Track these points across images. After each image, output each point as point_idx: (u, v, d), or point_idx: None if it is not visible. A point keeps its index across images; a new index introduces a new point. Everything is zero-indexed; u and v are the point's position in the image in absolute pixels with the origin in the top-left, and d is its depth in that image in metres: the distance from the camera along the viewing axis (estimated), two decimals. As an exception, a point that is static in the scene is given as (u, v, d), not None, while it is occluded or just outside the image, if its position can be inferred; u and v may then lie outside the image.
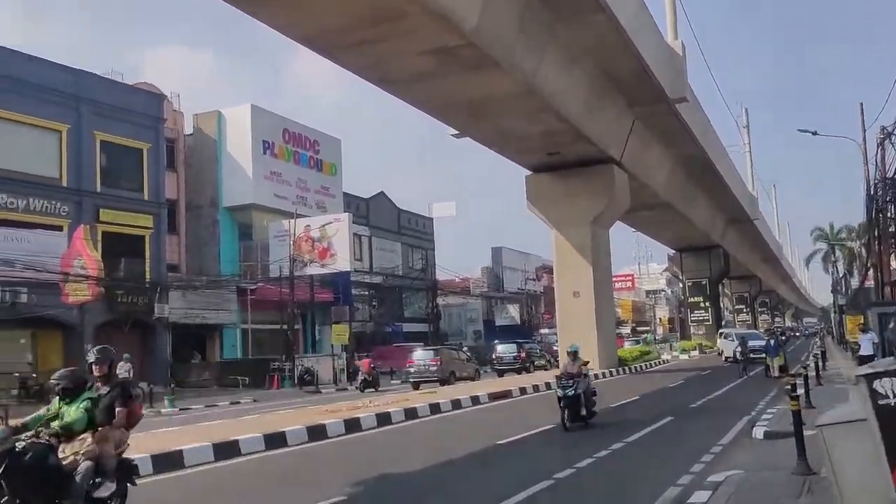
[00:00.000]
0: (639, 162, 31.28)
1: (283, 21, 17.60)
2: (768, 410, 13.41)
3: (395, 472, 9.10)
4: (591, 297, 29.54)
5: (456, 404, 17.09)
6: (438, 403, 16.51)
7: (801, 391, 11.57)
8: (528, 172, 31.22)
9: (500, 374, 32.56)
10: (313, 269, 37.50)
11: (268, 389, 31.33)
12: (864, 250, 54.06)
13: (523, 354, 34.12)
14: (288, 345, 34.07)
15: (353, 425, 13.18)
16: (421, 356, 27.91)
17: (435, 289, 45.28)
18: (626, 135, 28.92)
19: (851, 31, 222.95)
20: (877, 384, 3.93)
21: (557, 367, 32.25)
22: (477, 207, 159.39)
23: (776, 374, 22.65)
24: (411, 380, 27.33)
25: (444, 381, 26.42)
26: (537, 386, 21.97)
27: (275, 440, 11.40)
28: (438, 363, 27.16)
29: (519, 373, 31.99)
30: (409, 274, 49.34)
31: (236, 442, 10.82)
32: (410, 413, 15.15)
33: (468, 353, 34.62)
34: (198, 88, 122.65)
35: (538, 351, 38.16)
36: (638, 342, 51.77)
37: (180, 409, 22.24)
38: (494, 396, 19.09)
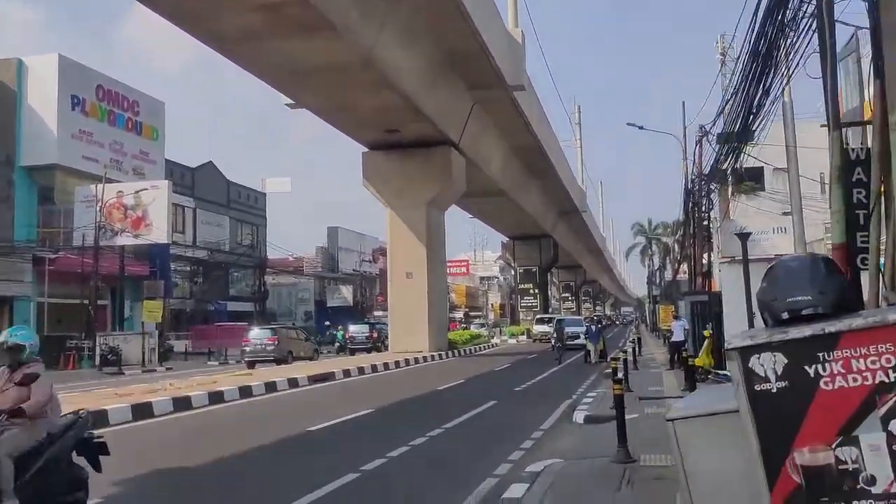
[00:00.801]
0: (477, 147, 31.25)
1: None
2: (588, 395, 13.42)
3: (170, 468, 7.82)
4: (424, 279, 29.16)
5: (271, 387, 15.83)
6: (251, 386, 15.18)
7: (619, 375, 11.59)
8: (366, 149, 30.24)
9: (352, 353, 33.80)
10: (125, 240, 34.24)
11: (62, 370, 28.20)
12: (677, 245, 58.42)
13: (374, 334, 35.63)
14: (89, 321, 30.84)
15: (143, 411, 11.59)
16: (257, 335, 26.96)
17: (263, 266, 43.12)
18: (466, 118, 28.69)
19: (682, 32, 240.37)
20: (754, 362, 3.06)
21: (387, 349, 32.60)
22: (315, 186, 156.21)
23: (595, 359, 23.36)
24: (246, 359, 26.37)
25: (280, 361, 25.59)
26: (362, 368, 21.13)
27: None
28: (276, 342, 26.30)
29: (369, 352, 33.21)
30: (237, 250, 46.68)
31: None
32: (216, 397, 13.71)
33: (307, 333, 33.35)
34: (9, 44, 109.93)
35: (304, 337, 32.92)
36: (483, 325, 53.55)
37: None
38: (315, 379, 17.99)
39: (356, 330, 36.61)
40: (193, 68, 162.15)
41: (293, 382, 16.82)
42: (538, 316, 52.23)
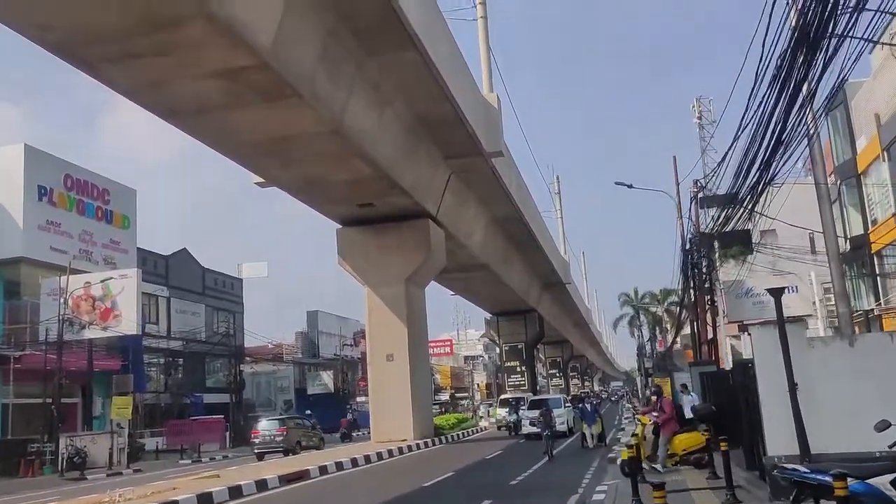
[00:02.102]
0: (455, 219, 30.10)
1: (19, 15, 14.05)
2: (597, 488, 11.65)
3: None
4: (405, 361, 27.37)
5: (235, 492, 13.88)
6: (211, 493, 13.24)
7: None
8: (340, 226, 28.95)
9: (260, 457, 26.59)
10: (93, 333, 32.35)
11: (21, 478, 25.85)
12: (666, 315, 57.06)
13: (286, 431, 27.81)
14: (51, 422, 28.60)
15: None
16: (266, 426, 27.92)
17: (239, 355, 41.09)
18: (443, 189, 27.62)
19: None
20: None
21: (325, 446, 29.22)
22: (294, 270, 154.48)
23: (594, 443, 21.32)
24: (256, 451, 27.15)
25: (289, 451, 26.71)
26: (341, 463, 19.14)
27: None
28: (284, 433, 27.34)
29: (285, 454, 26.73)
30: (213, 338, 44.63)
31: None
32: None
33: (313, 422, 32.45)
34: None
35: (311, 426, 31.59)
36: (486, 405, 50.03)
37: None
38: (287, 479, 16.03)
39: (265, 427, 28.07)
40: (177, 155, 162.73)
41: (262, 485, 14.87)
42: (501, 397, 44.82)
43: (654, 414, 12.67)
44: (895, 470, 5.29)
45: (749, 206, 12.87)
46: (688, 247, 19.94)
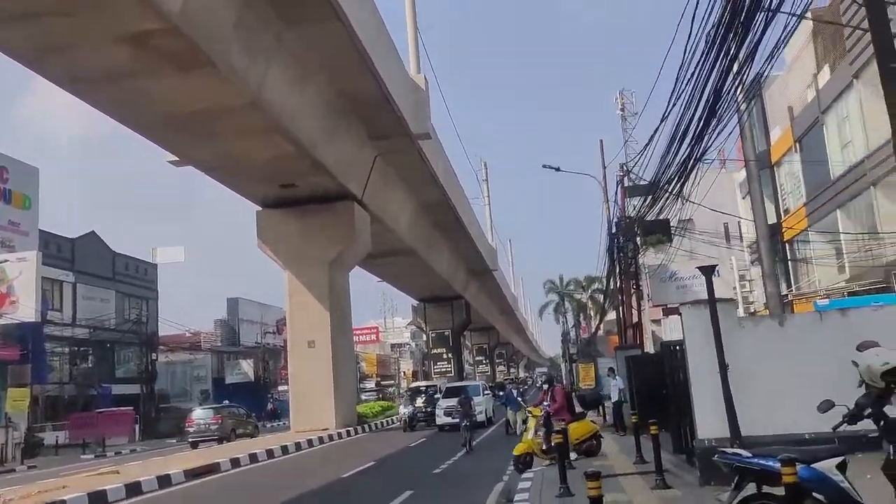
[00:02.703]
0: (382, 202, 29.30)
1: None
2: (523, 476, 11.20)
3: None
4: (327, 348, 26.47)
5: (133, 490, 12.84)
6: (105, 492, 12.17)
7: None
8: (260, 208, 27.75)
9: (194, 445, 26.21)
10: (-17, 321, 30.21)
11: None
12: (590, 302, 57.73)
13: (220, 419, 27.26)
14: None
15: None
16: (201, 415, 27.65)
17: (151, 343, 39.20)
18: (368, 171, 26.76)
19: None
20: None
21: (261, 434, 28.48)
22: (216, 254, 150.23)
23: (520, 429, 20.78)
24: (190, 440, 26.98)
25: (223, 439, 26.57)
26: (255, 455, 18.20)
27: None
28: (219, 421, 27.09)
29: (220, 442, 26.28)
30: (123, 326, 42.41)
31: None
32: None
33: (247, 410, 31.86)
34: None
35: (245, 414, 30.82)
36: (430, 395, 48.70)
37: None
38: (194, 474, 15.03)
39: (199, 416, 27.44)
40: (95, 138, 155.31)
41: (165, 481, 13.84)
42: (412, 385, 42.88)
43: (545, 403, 12.31)
44: (840, 453, 4.93)
45: (680, 181, 12.59)
46: (614, 231, 19.76)
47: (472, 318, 61.09)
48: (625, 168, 18.29)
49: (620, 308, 20.29)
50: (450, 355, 57.24)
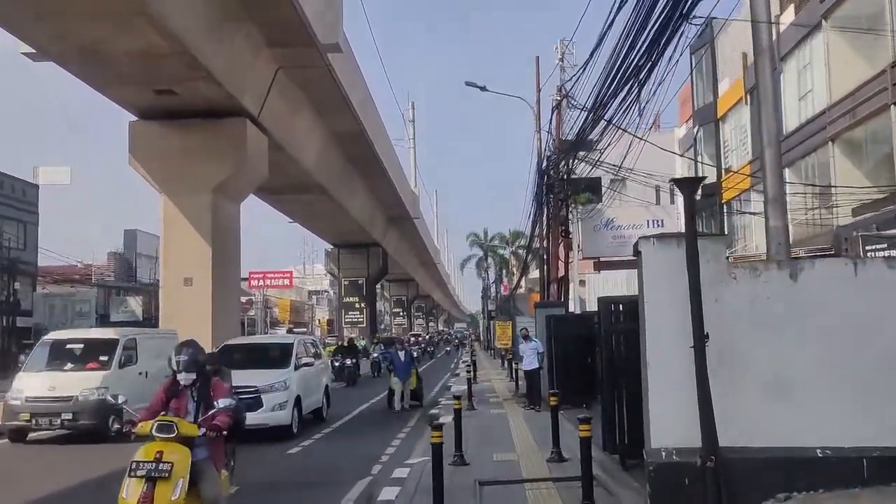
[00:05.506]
0: (284, 126, 25.44)
1: None
2: (398, 468, 8.14)
3: None
4: (207, 287, 22.75)
5: None
6: None
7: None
8: (134, 119, 23.55)
9: None
10: None
11: None
12: (513, 258, 55.38)
13: None
14: None
15: None
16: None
17: (16, 270, 34.48)
18: (268, 86, 22.80)
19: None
20: None
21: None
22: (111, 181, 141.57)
23: (406, 404, 16.60)
24: None
25: None
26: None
27: None
28: None
29: None
30: (-10, 253, 37.33)
31: None
32: None
33: None
34: None
35: None
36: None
37: None
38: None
39: None
40: None
41: None
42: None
43: None
44: None
45: (624, 107, 9.79)
46: (545, 165, 16.68)
47: (389, 268, 58.18)
48: (563, 90, 15.23)
49: (545, 256, 17.25)
50: (363, 305, 54.29)
